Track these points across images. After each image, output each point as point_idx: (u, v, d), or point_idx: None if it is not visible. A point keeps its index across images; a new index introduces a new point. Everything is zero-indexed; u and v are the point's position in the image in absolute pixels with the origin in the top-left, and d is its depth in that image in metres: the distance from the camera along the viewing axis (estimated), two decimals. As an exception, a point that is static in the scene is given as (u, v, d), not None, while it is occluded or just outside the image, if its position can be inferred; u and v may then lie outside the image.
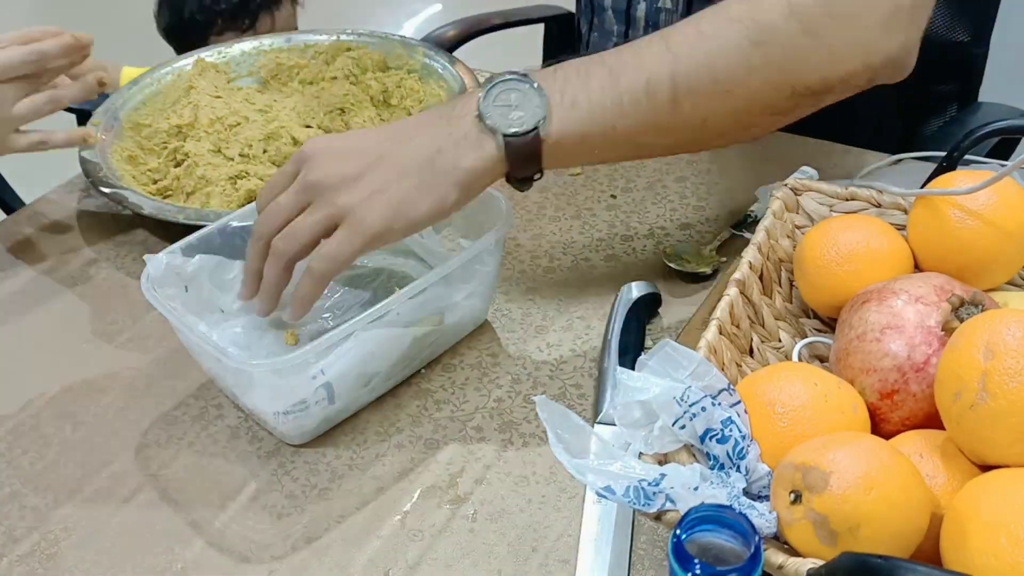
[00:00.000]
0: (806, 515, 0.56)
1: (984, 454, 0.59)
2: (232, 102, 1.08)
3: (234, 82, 1.15)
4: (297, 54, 1.16)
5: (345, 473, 0.74)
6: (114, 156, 1.02)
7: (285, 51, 1.17)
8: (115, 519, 0.72)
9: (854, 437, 0.60)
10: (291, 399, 0.72)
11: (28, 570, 0.69)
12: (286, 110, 1.07)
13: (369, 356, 0.75)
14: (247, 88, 1.13)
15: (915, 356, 0.65)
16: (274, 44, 1.18)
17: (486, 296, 0.84)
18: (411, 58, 1.15)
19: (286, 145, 1.03)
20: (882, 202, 0.80)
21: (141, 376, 0.83)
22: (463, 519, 0.70)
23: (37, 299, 0.92)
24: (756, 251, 0.77)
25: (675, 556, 0.52)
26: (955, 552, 0.55)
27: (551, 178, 1.03)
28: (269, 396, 0.73)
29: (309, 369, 0.72)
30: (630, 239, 0.95)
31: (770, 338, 0.77)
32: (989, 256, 0.72)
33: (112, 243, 0.98)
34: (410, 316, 0.76)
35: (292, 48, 1.18)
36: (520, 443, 0.76)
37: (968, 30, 1.23)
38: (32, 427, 0.79)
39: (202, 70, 1.13)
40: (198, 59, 1.14)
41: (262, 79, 1.15)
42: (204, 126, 1.05)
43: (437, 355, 0.83)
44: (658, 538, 0.68)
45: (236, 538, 0.70)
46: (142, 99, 1.10)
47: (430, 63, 1.14)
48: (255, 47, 1.18)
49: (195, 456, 0.76)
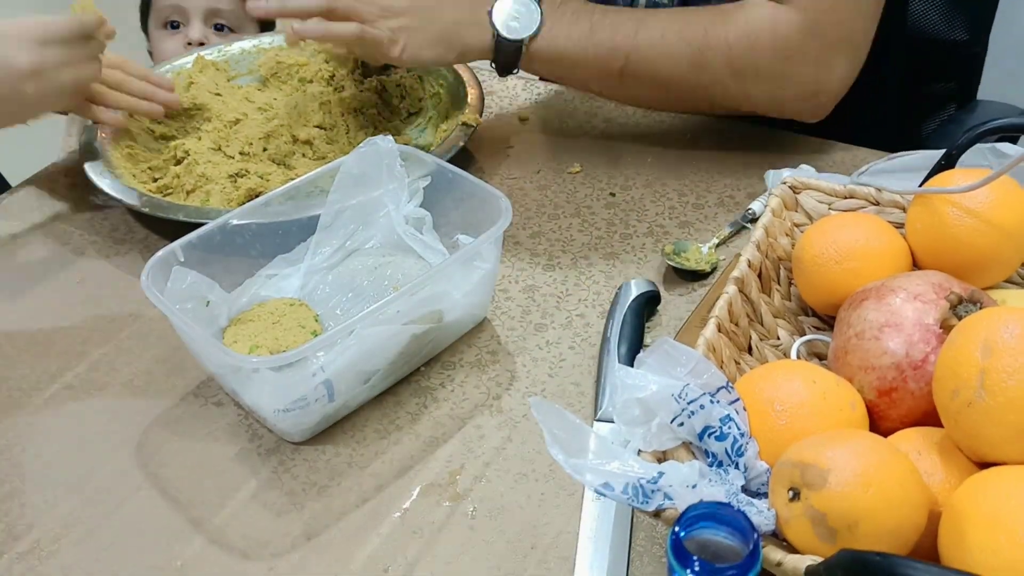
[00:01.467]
0: (805, 512, 0.56)
1: (982, 451, 0.59)
2: (231, 100, 1.08)
3: (234, 80, 1.15)
4: (296, 52, 1.16)
5: (345, 470, 0.74)
6: (114, 153, 1.02)
7: (285, 49, 1.17)
8: (115, 516, 0.72)
9: (852, 434, 0.60)
10: (291, 396, 0.72)
11: (28, 567, 0.69)
12: (286, 108, 1.07)
13: (368, 353, 0.75)
14: (247, 86, 1.13)
15: (913, 354, 0.65)
16: (274, 42, 1.18)
17: (486, 294, 0.84)
18: None
19: (286, 144, 1.03)
20: (881, 200, 0.80)
21: (141, 373, 0.83)
22: (462, 516, 0.71)
23: (35, 295, 0.92)
24: (755, 249, 0.77)
25: (674, 553, 0.53)
26: (953, 549, 0.55)
27: (550, 176, 1.03)
28: (269, 393, 0.73)
29: (309, 366, 0.72)
30: (629, 237, 0.95)
31: (769, 336, 0.77)
32: (987, 254, 0.72)
33: (111, 239, 0.98)
34: (410, 313, 0.76)
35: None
36: (519, 440, 0.76)
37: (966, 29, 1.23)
38: (31, 424, 0.79)
39: (202, 67, 1.13)
40: (198, 56, 1.15)
41: (262, 77, 1.15)
42: (204, 123, 1.05)
43: (437, 353, 0.83)
44: (657, 535, 0.68)
45: (236, 535, 0.70)
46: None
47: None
48: (255, 45, 1.18)
49: (195, 454, 0.76)
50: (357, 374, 0.76)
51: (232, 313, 0.83)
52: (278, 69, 1.14)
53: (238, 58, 1.17)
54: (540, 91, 1.17)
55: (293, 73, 1.13)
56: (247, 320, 0.82)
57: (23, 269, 0.96)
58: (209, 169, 0.99)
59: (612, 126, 1.11)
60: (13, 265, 0.97)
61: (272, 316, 0.82)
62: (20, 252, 0.98)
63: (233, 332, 0.81)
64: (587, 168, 1.04)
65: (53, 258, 0.97)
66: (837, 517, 0.55)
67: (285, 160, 1.03)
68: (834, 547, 0.54)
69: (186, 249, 0.80)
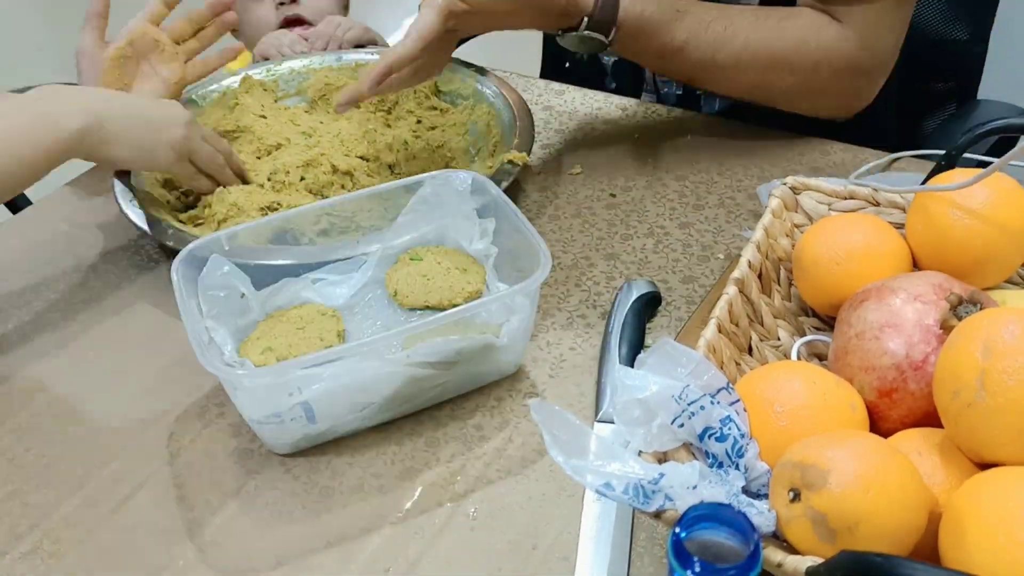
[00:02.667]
0: (805, 513, 0.56)
1: (982, 452, 0.59)
2: (276, 123, 1.05)
3: (281, 101, 1.13)
4: (347, 74, 1.14)
5: (346, 471, 0.74)
6: (147, 178, 0.99)
7: (335, 70, 1.14)
8: (117, 517, 0.72)
9: (853, 435, 0.60)
10: (265, 410, 0.72)
11: (30, 567, 0.69)
12: (329, 135, 1.03)
13: (360, 385, 0.73)
14: (294, 107, 1.11)
15: (913, 354, 0.65)
16: (324, 62, 1.16)
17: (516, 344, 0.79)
18: (462, 82, 1.12)
19: (324, 174, 0.99)
20: (881, 201, 0.80)
21: (143, 375, 0.83)
22: (464, 517, 0.71)
23: (40, 298, 0.92)
24: (755, 250, 0.77)
25: (675, 554, 0.53)
26: (953, 550, 0.55)
27: (551, 177, 1.04)
28: (247, 402, 0.73)
29: (282, 385, 0.70)
30: (630, 238, 0.95)
31: (769, 336, 0.77)
32: (987, 254, 0.72)
33: (116, 242, 0.98)
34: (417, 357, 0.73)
35: (342, 67, 1.15)
36: (520, 441, 0.76)
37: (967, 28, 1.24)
38: (34, 425, 0.80)
39: (249, 87, 1.11)
40: (245, 76, 1.12)
41: (310, 99, 1.12)
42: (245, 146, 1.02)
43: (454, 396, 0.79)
44: (658, 536, 0.68)
45: (238, 536, 0.70)
46: None
47: (481, 89, 1.10)
48: (304, 65, 1.16)
49: (197, 454, 0.76)
50: (347, 404, 0.74)
51: (268, 309, 0.82)
52: (327, 91, 1.12)
53: (287, 78, 1.15)
54: (541, 93, 1.17)
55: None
56: (278, 319, 0.81)
57: (36, 268, 0.96)
58: (242, 199, 0.95)
59: (612, 128, 1.11)
60: (17, 264, 0.97)
61: (300, 321, 0.81)
62: (26, 251, 0.98)
63: (261, 328, 0.81)
64: (587, 169, 1.04)
65: (57, 258, 0.97)
66: (837, 518, 0.55)
67: (322, 191, 0.99)
68: (834, 548, 0.54)
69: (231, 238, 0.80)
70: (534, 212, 0.99)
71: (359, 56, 1.17)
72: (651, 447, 0.62)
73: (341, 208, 0.86)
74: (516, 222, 0.80)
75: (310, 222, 0.86)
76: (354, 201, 0.86)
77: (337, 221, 0.86)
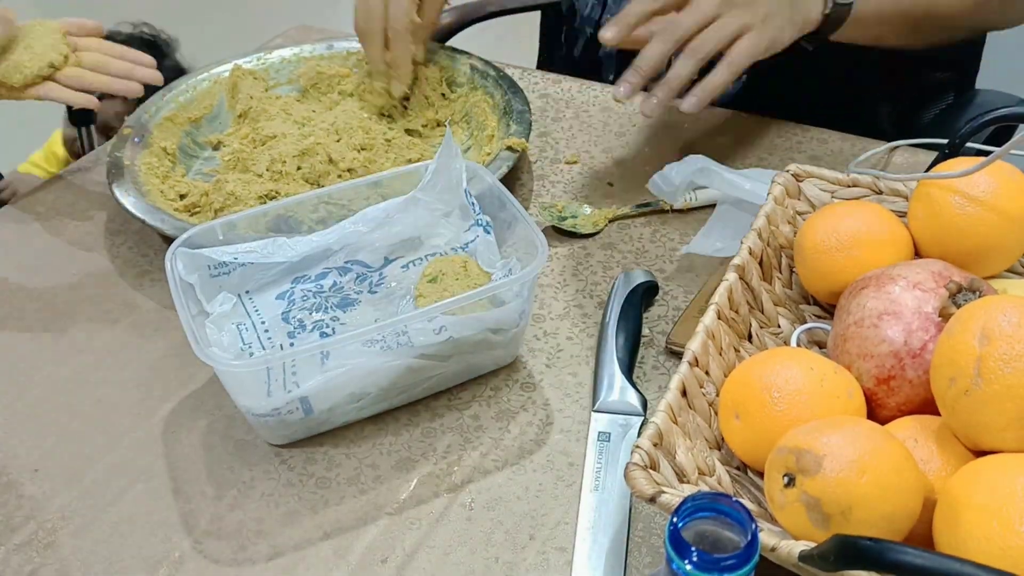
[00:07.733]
0: (799, 498, 0.56)
1: (978, 439, 0.59)
2: (269, 111, 1.05)
3: (272, 90, 1.12)
4: (339, 62, 1.13)
5: (342, 462, 0.74)
6: (142, 167, 0.99)
7: (326, 59, 1.13)
8: (113, 508, 0.72)
9: (848, 421, 0.60)
10: (266, 406, 0.71)
11: (25, 559, 0.69)
12: (323, 125, 1.03)
13: (349, 377, 0.72)
14: (286, 96, 1.10)
15: (912, 342, 0.65)
16: (315, 51, 1.15)
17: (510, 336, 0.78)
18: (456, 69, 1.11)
19: (320, 163, 0.98)
20: (883, 188, 0.80)
21: (139, 365, 0.83)
22: (460, 507, 0.70)
23: (35, 287, 0.92)
24: (756, 237, 0.77)
25: (672, 544, 0.52)
26: (948, 536, 0.55)
27: (547, 166, 1.03)
28: (244, 396, 0.72)
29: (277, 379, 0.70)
30: (626, 227, 0.95)
31: (769, 324, 0.77)
32: (989, 243, 0.72)
33: (110, 231, 0.98)
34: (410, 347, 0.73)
35: (333, 55, 1.14)
36: (517, 431, 0.76)
37: (967, 18, 1.23)
38: (30, 416, 0.79)
39: (240, 77, 1.10)
40: (235, 66, 1.11)
41: (301, 88, 1.12)
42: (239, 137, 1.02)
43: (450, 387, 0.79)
44: (655, 526, 0.68)
45: (234, 527, 0.70)
46: (175, 107, 1.07)
47: (477, 76, 1.09)
48: (295, 54, 1.15)
49: (193, 445, 0.76)
50: (346, 396, 0.74)
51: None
52: (318, 80, 1.11)
53: (278, 67, 1.14)
54: (537, 82, 1.17)
55: (334, 85, 1.09)
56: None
57: (32, 260, 0.96)
58: (239, 188, 0.95)
59: (609, 116, 1.10)
60: (10, 251, 0.97)
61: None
62: (17, 238, 0.98)
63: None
64: (584, 158, 1.04)
65: (52, 247, 0.97)
66: (831, 503, 0.55)
67: (319, 180, 0.98)
68: (828, 533, 0.54)
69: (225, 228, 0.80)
70: (530, 200, 0.98)
71: (349, 45, 1.16)
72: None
73: (339, 196, 0.86)
74: (513, 211, 0.80)
75: (308, 210, 0.86)
76: (351, 189, 0.86)
77: (335, 209, 0.86)
